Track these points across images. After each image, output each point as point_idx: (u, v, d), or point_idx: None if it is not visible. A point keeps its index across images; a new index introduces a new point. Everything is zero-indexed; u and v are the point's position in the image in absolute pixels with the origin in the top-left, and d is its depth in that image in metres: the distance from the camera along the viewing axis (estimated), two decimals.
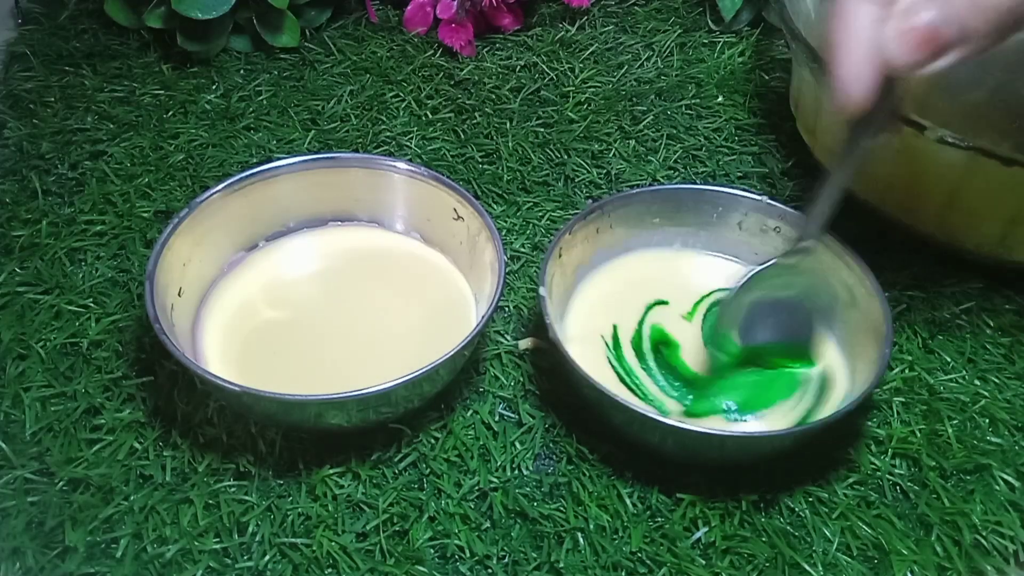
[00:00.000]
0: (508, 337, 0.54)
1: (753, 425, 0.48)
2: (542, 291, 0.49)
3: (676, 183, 0.64)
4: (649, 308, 0.54)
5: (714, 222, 0.56)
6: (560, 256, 0.51)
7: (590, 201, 0.63)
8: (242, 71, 0.72)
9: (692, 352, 0.52)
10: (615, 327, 0.52)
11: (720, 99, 0.71)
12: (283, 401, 0.44)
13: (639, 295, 0.54)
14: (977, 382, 0.53)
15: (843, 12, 0.43)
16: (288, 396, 0.43)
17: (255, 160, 0.64)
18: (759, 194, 0.55)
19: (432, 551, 0.45)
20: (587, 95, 0.71)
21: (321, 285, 0.54)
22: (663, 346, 0.52)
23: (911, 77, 0.43)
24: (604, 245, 0.55)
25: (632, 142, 0.67)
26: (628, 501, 0.46)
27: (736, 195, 0.55)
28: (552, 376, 0.52)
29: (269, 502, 0.46)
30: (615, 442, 0.48)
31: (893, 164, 0.57)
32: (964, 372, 0.53)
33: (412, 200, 0.55)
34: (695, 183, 0.64)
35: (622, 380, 0.50)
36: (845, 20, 0.43)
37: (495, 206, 0.62)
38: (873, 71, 0.42)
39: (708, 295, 0.54)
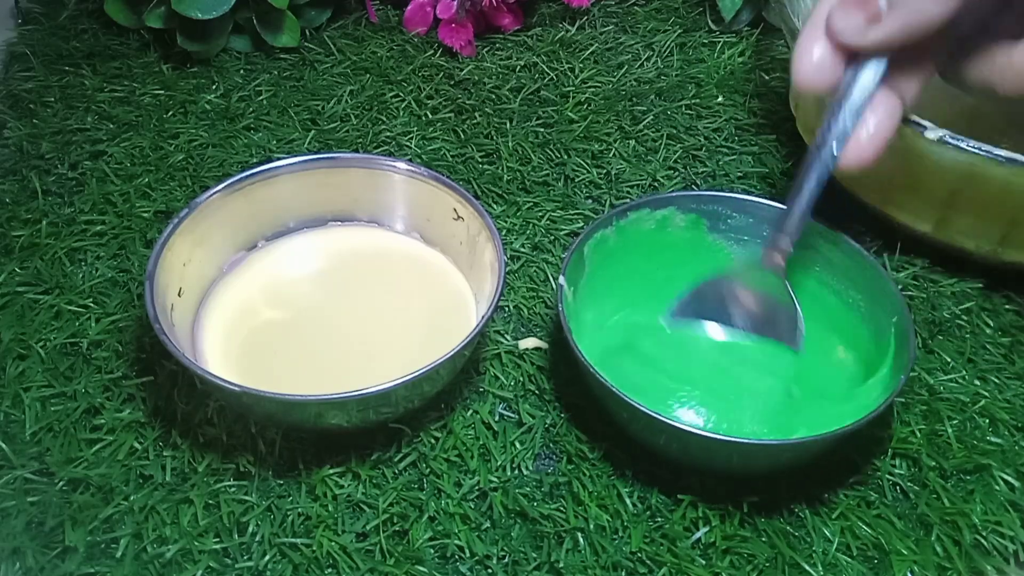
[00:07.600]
0: (508, 337, 0.54)
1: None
2: (562, 280, 0.49)
3: (677, 186, 0.64)
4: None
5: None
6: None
7: (589, 200, 0.63)
8: (242, 71, 0.72)
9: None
10: None
11: (720, 99, 0.71)
12: (283, 401, 0.44)
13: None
14: (977, 382, 0.53)
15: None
16: (288, 396, 0.43)
17: (255, 160, 0.64)
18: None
19: (432, 551, 0.45)
20: (587, 95, 0.71)
21: (321, 285, 0.54)
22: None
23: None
24: None
25: (632, 142, 0.67)
26: (628, 501, 0.46)
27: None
28: (552, 376, 0.52)
29: (269, 502, 0.46)
30: (615, 442, 0.48)
31: (893, 164, 0.57)
32: (964, 372, 0.53)
33: (412, 200, 0.55)
34: (694, 186, 0.64)
35: None
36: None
37: (495, 206, 0.62)
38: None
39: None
